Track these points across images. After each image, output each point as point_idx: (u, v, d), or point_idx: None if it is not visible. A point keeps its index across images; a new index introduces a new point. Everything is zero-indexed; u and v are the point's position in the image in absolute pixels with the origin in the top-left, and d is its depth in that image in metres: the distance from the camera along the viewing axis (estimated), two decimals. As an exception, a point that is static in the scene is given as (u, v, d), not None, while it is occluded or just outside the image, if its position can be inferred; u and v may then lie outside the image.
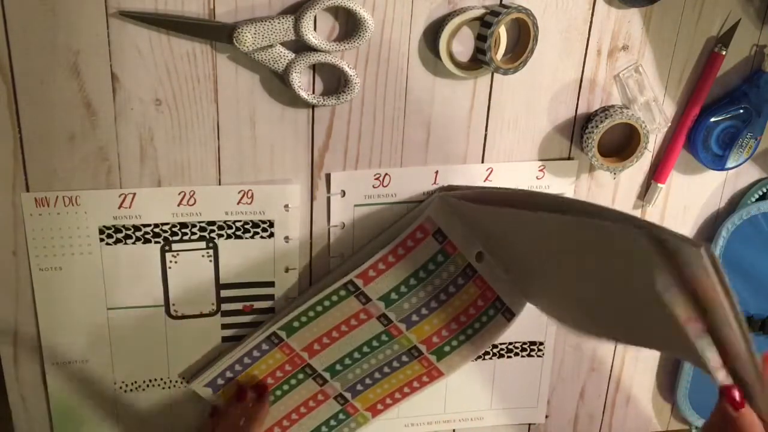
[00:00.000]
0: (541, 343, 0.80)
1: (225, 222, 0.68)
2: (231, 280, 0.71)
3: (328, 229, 0.71)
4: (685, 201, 0.77)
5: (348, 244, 0.71)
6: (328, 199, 0.70)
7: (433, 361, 0.74)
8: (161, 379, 0.73)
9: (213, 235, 0.68)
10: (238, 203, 0.68)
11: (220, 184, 0.67)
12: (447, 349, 0.74)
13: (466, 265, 0.71)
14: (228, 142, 0.66)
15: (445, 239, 0.69)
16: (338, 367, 0.74)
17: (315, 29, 0.63)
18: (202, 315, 0.71)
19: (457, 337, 0.73)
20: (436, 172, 0.71)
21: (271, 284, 0.71)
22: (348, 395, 0.75)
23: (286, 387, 0.74)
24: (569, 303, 0.68)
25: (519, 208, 0.59)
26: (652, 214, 0.77)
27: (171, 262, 0.69)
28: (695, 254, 0.45)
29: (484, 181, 0.72)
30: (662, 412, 0.87)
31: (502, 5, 0.65)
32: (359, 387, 0.75)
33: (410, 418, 0.79)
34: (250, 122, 0.66)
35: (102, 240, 0.67)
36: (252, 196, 0.68)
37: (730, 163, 0.74)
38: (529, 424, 0.84)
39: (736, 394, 0.52)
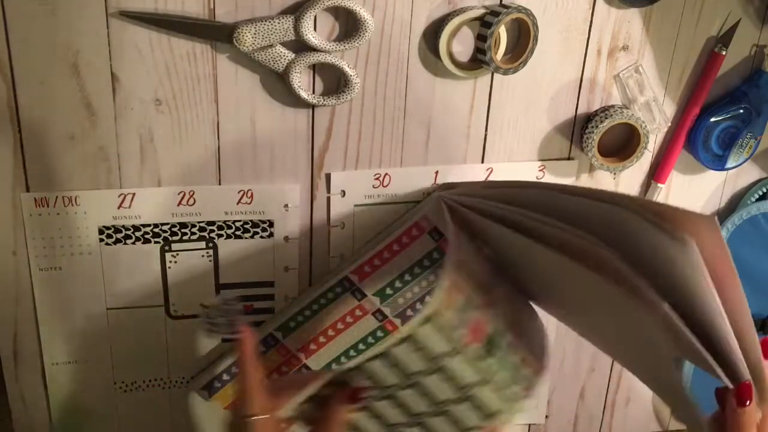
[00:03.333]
0: (541, 343, 0.80)
1: (225, 222, 0.68)
2: (231, 280, 0.70)
3: (328, 229, 0.71)
4: (685, 201, 0.77)
5: (348, 244, 0.71)
6: (328, 199, 0.70)
7: None
8: (161, 379, 0.73)
9: (213, 235, 0.68)
10: (237, 203, 0.68)
11: (219, 184, 0.67)
12: None
13: None
14: (228, 142, 0.66)
15: (441, 237, 0.70)
16: (334, 366, 0.73)
17: (315, 29, 0.63)
18: (202, 315, 0.71)
19: None
20: (436, 172, 0.71)
21: (270, 284, 0.71)
22: None
23: None
24: (570, 313, 0.68)
25: (518, 206, 0.59)
26: (652, 214, 0.77)
27: (171, 262, 0.69)
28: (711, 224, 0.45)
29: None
30: (662, 412, 0.87)
31: (502, 5, 0.65)
32: None
33: (410, 418, 0.79)
34: (250, 122, 0.66)
35: (102, 240, 0.67)
36: (252, 196, 0.68)
37: (730, 163, 0.74)
38: (529, 424, 0.84)
39: (748, 391, 0.52)
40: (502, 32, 0.66)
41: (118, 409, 0.73)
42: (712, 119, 0.72)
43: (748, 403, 0.51)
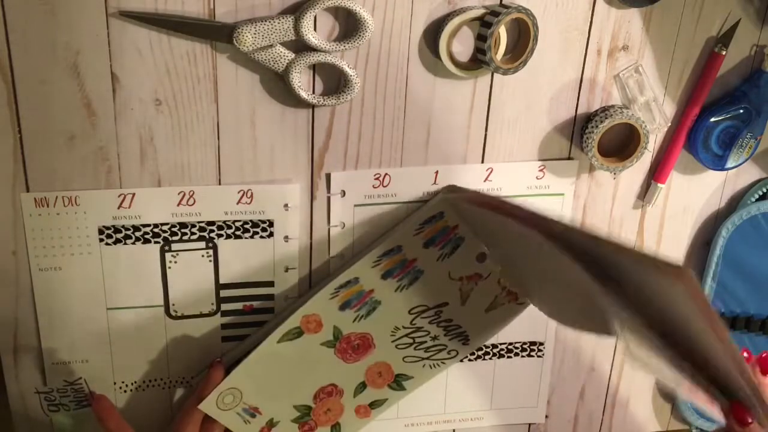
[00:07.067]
0: (541, 343, 0.80)
1: (225, 222, 0.68)
2: (231, 280, 0.71)
3: (328, 229, 0.71)
4: (685, 201, 0.77)
5: (348, 244, 0.71)
6: (328, 199, 0.70)
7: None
8: (161, 379, 0.73)
9: (213, 235, 0.68)
10: (237, 203, 0.68)
11: (219, 184, 0.67)
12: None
13: None
14: (228, 142, 0.66)
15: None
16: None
17: (315, 29, 0.63)
18: (201, 315, 0.71)
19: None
20: (436, 172, 0.71)
21: (270, 284, 0.71)
22: None
23: None
24: (561, 305, 0.69)
25: (525, 224, 0.59)
26: (652, 214, 0.77)
27: (171, 262, 0.69)
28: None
29: (484, 181, 0.72)
30: (662, 412, 0.87)
31: (502, 5, 0.65)
32: None
33: (410, 418, 0.79)
34: (250, 122, 0.66)
35: (101, 240, 0.67)
36: (252, 196, 0.68)
37: (730, 163, 0.74)
38: (529, 424, 0.84)
39: (744, 412, 0.51)
40: (502, 32, 0.66)
41: (118, 409, 0.73)
42: (712, 119, 0.72)
43: (750, 421, 0.51)
